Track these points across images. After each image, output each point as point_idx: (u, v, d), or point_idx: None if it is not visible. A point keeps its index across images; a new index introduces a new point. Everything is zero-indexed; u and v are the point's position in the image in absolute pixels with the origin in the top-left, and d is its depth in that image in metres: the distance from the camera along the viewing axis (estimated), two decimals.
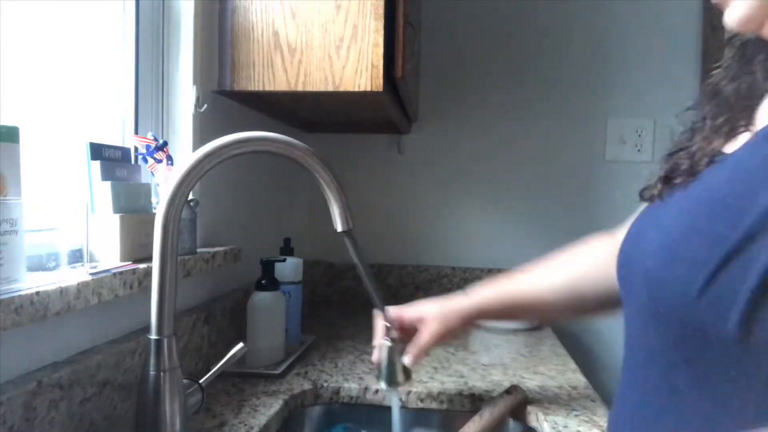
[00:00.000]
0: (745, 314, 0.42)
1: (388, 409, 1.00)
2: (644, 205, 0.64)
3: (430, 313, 0.85)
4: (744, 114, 0.55)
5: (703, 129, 0.58)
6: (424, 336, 0.84)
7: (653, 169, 0.64)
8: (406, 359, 0.83)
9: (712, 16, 1.56)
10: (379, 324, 0.84)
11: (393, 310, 0.86)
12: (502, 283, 0.87)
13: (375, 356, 0.84)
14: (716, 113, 0.58)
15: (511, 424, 0.98)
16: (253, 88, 1.09)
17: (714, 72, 0.62)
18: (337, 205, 0.71)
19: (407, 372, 0.83)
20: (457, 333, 0.86)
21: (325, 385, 1.02)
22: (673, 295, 0.47)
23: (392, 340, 0.82)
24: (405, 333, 0.86)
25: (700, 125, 0.59)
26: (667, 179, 0.58)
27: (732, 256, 0.43)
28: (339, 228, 0.71)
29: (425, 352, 0.84)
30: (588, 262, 0.81)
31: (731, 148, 0.53)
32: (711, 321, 0.44)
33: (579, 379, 1.08)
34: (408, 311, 0.87)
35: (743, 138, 0.52)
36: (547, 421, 0.88)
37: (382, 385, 0.82)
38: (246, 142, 0.67)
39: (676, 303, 0.47)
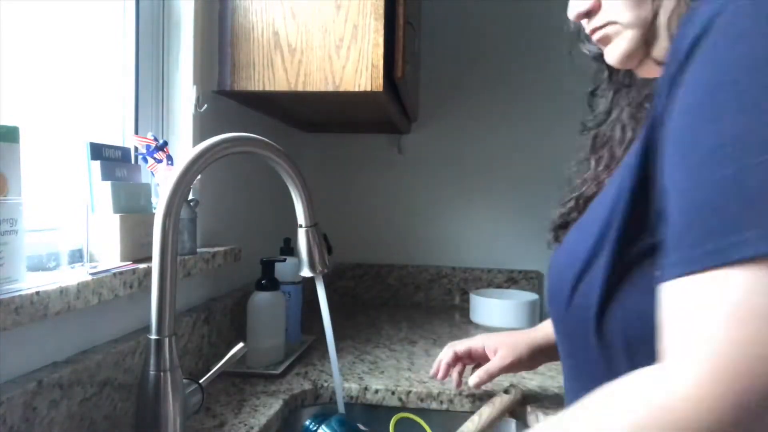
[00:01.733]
0: (597, 321, 0.48)
1: (389, 409, 1.00)
2: None
3: (503, 342, 0.92)
4: (623, 149, 0.62)
5: (592, 176, 0.67)
6: (495, 361, 0.90)
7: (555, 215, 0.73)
8: (472, 381, 0.92)
9: None
10: (450, 346, 0.98)
11: (459, 343, 0.97)
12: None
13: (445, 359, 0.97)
14: (599, 158, 0.67)
15: (513, 424, 0.98)
16: (253, 88, 1.09)
17: (589, 124, 0.71)
18: (300, 201, 0.77)
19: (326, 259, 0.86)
20: (526, 363, 0.91)
21: (325, 385, 1.02)
22: (555, 314, 0.56)
23: (310, 226, 0.81)
24: (473, 360, 0.96)
25: (589, 173, 0.68)
26: (562, 225, 0.67)
27: (583, 273, 0.50)
28: (302, 223, 0.77)
29: (492, 375, 0.90)
30: None
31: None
32: (578, 331, 0.51)
33: None
34: (478, 341, 0.95)
35: None
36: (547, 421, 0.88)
37: (306, 271, 0.84)
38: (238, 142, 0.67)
39: (557, 319, 0.56)
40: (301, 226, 0.79)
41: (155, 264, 0.65)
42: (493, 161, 1.76)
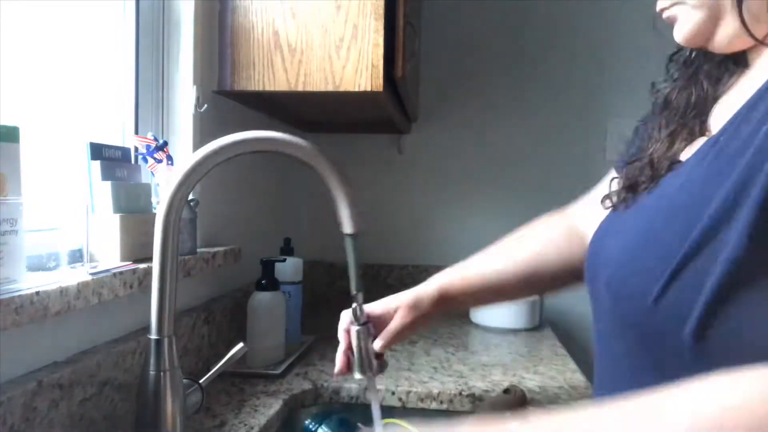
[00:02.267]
0: (699, 324, 0.43)
1: (389, 409, 1.00)
2: (604, 187, 0.68)
3: (401, 301, 0.81)
4: (696, 121, 0.58)
5: (658, 137, 0.60)
6: (396, 321, 0.78)
7: (609, 176, 0.68)
8: (377, 344, 0.76)
9: None
10: (346, 313, 0.78)
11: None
12: (460, 267, 0.86)
13: (342, 343, 0.76)
14: (668, 122, 0.60)
15: None
16: (253, 88, 1.08)
17: (661, 86, 0.66)
18: (345, 206, 0.69)
19: (381, 361, 0.76)
20: (428, 320, 0.81)
21: (325, 385, 1.02)
22: (632, 304, 0.49)
23: (361, 324, 0.75)
24: (375, 326, 0.79)
25: (655, 134, 0.61)
26: (630, 187, 0.60)
27: (682, 268, 0.45)
28: (347, 230, 0.71)
29: (397, 337, 0.78)
30: (541, 240, 0.84)
31: (687, 155, 0.55)
32: (667, 330, 0.46)
33: (579, 379, 1.08)
34: (377, 303, 0.82)
35: (698, 144, 0.55)
36: None
37: (357, 375, 0.75)
38: (247, 142, 0.67)
39: (634, 311, 0.49)
40: (348, 235, 0.73)
41: (155, 264, 0.65)
42: (493, 161, 1.76)
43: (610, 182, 0.67)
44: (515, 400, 0.94)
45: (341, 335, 0.77)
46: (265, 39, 1.08)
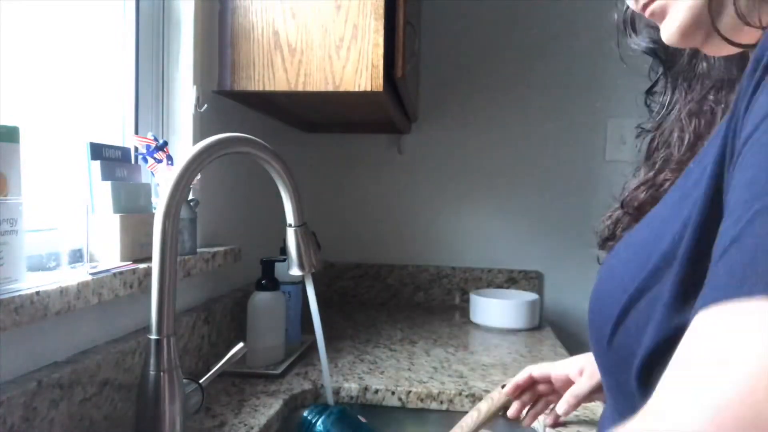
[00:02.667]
0: (642, 369, 0.40)
1: (388, 408, 1.00)
2: None
3: (588, 361, 0.78)
4: (686, 162, 0.53)
5: (647, 176, 0.58)
6: (583, 381, 0.77)
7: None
8: (559, 407, 0.78)
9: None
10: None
11: (538, 367, 0.85)
12: None
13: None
14: (656, 165, 0.58)
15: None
16: (253, 88, 1.09)
17: (647, 125, 0.64)
18: (289, 200, 0.77)
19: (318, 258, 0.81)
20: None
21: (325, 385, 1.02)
22: (595, 344, 0.48)
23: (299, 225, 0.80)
24: (553, 389, 0.83)
25: (644, 173, 0.59)
26: (614, 229, 0.59)
27: (629, 309, 0.42)
28: (291, 223, 0.76)
29: (579, 398, 0.77)
30: None
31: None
32: (619, 372, 0.44)
33: None
34: (555, 364, 0.82)
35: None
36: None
37: (295, 270, 0.81)
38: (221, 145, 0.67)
39: (597, 353, 0.48)
40: (290, 225, 0.79)
41: (155, 264, 0.65)
42: (493, 161, 1.76)
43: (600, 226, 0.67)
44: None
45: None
46: (265, 39, 1.08)
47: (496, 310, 1.50)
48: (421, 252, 1.79)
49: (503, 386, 0.95)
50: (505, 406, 0.94)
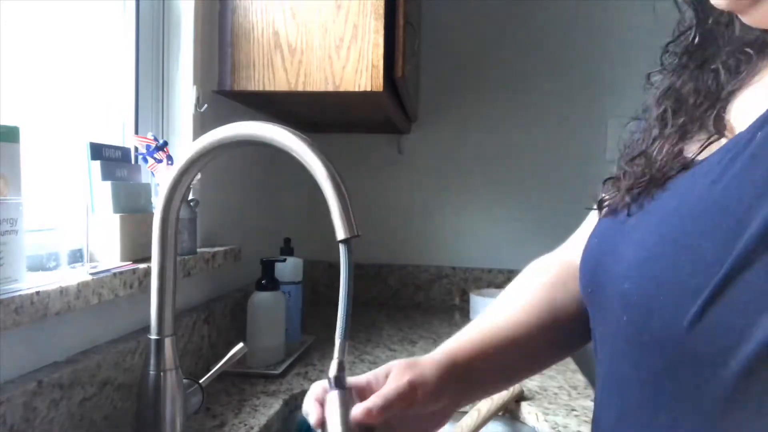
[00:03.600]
0: (752, 355, 0.36)
1: None
2: (594, 217, 0.58)
3: (392, 364, 0.60)
4: (708, 117, 0.49)
5: (662, 134, 0.52)
6: (390, 384, 0.55)
7: (607, 175, 0.59)
8: (357, 411, 0.52)
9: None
10: (317, 384, 0.60)
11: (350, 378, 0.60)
12: (469, 327, 0.65)
13: (314, 412, 0.55)
14: (673, 118, 0.52)
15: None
16: (253, 88, 1.09)
17: (656, 78, 0.57)
18: (336, 208, 0.59)
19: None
20: (432, 385, 0.55)
21: None
22: (660, 324, 0.42)
23: (342, 388, 0.56)
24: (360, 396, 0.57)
25: (656, 131, 0.53)
26: (632, 189, 0.51)
27: (729, 283, 0.37)
28: (340, 235, 0.57)
29: (387, 404, 0.53)
30: (548, 283, 0.66)
31: (701, 154, 0.47)
32: (706, 354, 0.39)
33: (579, 379, 1.08)
34: (367, 374, 0.61)
35: (716, 144, 0.46)
36: (547, 421, 0.88)
37: None
38: (236, 136, 0.63)
39: (662, 332, 0.42)
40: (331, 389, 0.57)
41: (154, 263, 0.65)
42: (493, 161, 1.76)
43: (603, 184, 0.59)
44: (514, 396, 0.94)
45: (311, 406, 0.56)
46: (265, 39, 1.08)
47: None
48: (421, 252, 1.79)
49: None
50: (506, 406, 0.94)
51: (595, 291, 0.52)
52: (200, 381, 0.75)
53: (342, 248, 0.56)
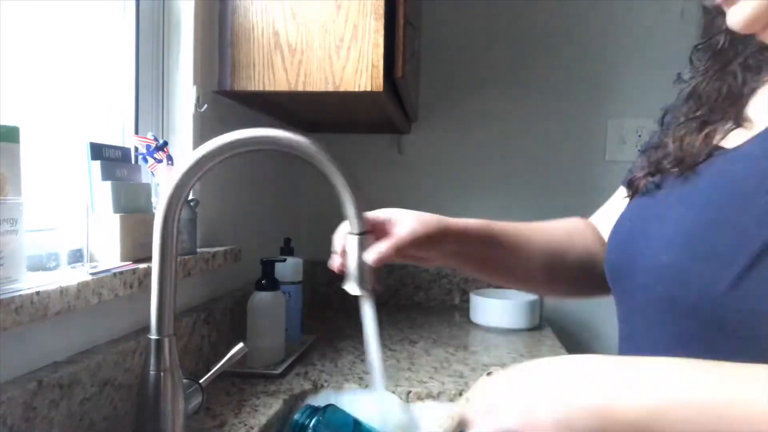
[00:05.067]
0: None
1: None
2: (623, 201, 0.64)
3: (406, 212, 0.70)
4: (729, 112, 0.54)
5: (689, 125, 0.57)
6: (398, 231, 0.66)
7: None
8: (370, 255, 0.64)
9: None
10: (346, 223, 0.66)
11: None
12: (488, 221, 0.79)
13: (338, 253, 0.67)
14: (699, 110, 0.57)
15: None
16: (253, 88, 1.08)
17: (686, 76, 0.62)
18: (350, 206, 0.64)
19: (377, 276, 0.65)
20: (433, 243, 0.69)
21: (325, 385, 1.02)
22: (698, 291, 0.45)
23: (361, 232, 0.64)
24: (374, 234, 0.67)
25: (682, 122, 0.58)
26: (661, 170, 0.57)
27: (764, 254, 0.41)
28: (355, 230, 0.64)
29: (396, 250, 0.65)
30: (569, 226, 0.79)
31: (727, 143, 0.53)
32: (741, 317, 0.42)
33: None
34: (379, 212, 0.70)
35: (740, 134, 0.52)
36: None
37: (353, 287, 0.65)
38: (244, 141, 0.67)
39: (700, 298, 0.45)
40: (351, 233, 0.65)
41: (155, 264, 0.65)
42: (493, 161, 1.76)
43: (630, 168, 0.64)
44: None
45: (337, 241, 0.67)
46: (265, 39, 1.08)
47: (496, 310, 1.50)
48: None
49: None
50: None
51: (623, 266, 0.56)
52: (200, 381, 0.75)
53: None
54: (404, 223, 0.67)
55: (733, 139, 0.52)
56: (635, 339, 0.56)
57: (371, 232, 0.65)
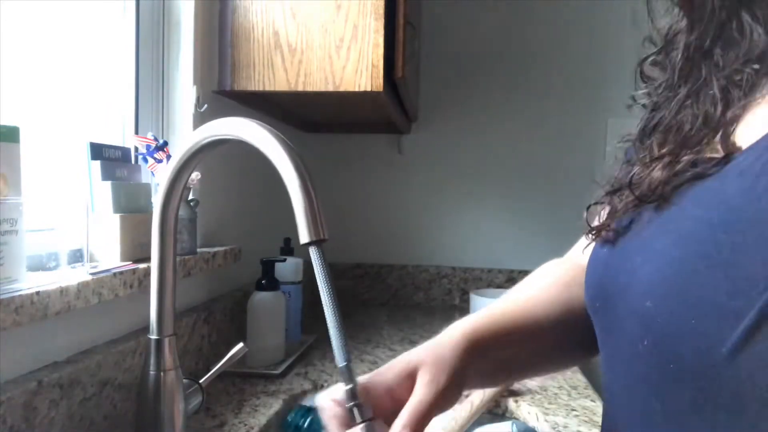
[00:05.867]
0: None
1: None
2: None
3: (419, 359, 0.54)
4: (712, 143, 0.42)
5: (652, 164, 0.45)
6: (420, 392, 0.50)
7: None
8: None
9: None
10: (329, 393, 0.52)
11: (361, 380, 0.53)
12: (491, 307, 0.64)
13: None
14: (664, 149, 0.45)
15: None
16: (253, 88, 1.09)
17: (643, 100, 0.51)
18: (301, 209, 0.54)
19: None
20: (461, 383, 0.53)
21: (325, 385, 1.02)
22: (692, 352, 0.36)
23: (366, 420, 0.47)
24: (381, 409, 0.51)
25: (647, 162, 0.46)
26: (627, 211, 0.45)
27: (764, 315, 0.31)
28: (303, 239, 0.53)
29: (427, 414, 0.48)
30: (563, 281, 0.64)
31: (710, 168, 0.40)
32: (749, 389, 0.33)
33: (579, 379, 1.08)
34: (380, 375, 0.54)
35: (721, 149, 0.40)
36: (547, 421, 0.88)
37: None
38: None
39: (695, 360, 0.36)
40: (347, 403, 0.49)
41: (153, 263, 0.65)
42: (493, 161, 1.76)
43: (587, 209, 0.54)
44: (505, 387, 0.95)
45: (327, 416, 0.49)
46: (265, 39, 1.08)
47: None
48: (420, 252, 1.79)
49: None
50: (496, 399, 0.95)
51: (605, 307, 0.46)
52: (200, 381, 0.75)
53: (312, 252, 0.51)
54: (423, 377, 0.51)
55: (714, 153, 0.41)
56: (616, 397, 0.45)
57: (376, 418, 0.47)
